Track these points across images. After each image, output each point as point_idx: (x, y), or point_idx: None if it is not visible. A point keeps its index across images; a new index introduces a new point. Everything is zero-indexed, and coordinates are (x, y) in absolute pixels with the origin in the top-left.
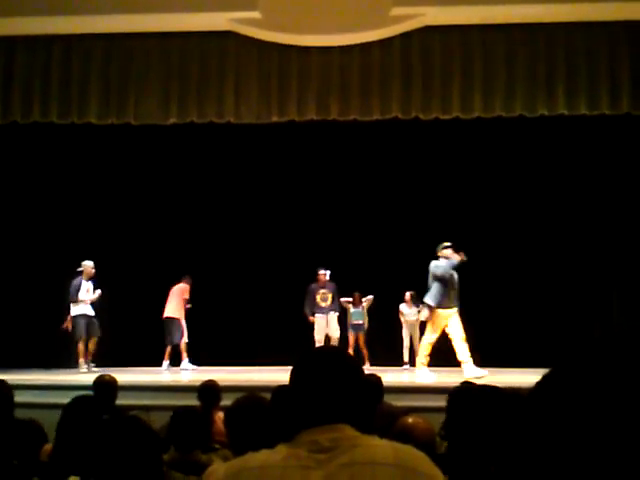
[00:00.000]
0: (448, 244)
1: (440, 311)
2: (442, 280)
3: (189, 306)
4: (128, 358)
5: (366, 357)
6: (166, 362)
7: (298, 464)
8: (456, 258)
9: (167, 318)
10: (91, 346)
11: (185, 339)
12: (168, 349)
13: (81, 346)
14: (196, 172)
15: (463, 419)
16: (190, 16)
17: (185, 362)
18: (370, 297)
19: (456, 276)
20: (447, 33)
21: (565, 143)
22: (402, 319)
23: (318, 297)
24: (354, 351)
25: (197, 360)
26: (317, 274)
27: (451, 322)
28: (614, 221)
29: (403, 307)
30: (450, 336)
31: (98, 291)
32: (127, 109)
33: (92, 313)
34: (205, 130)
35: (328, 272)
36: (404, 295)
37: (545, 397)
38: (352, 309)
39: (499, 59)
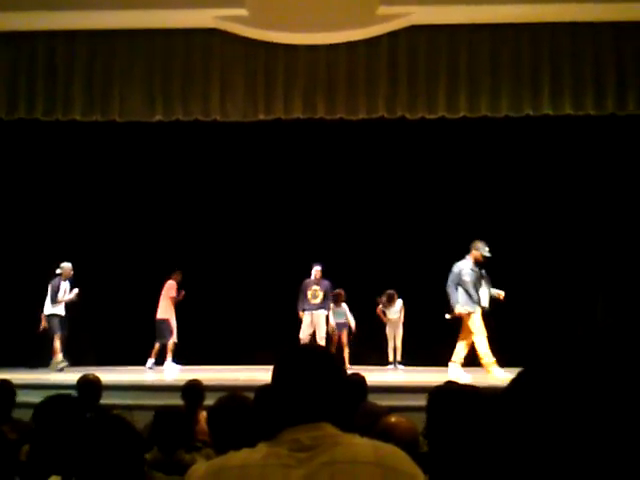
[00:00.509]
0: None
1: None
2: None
3: (183, 293)
4: (111, 357)
5: (346, 356)
6: (151, 360)
7: (278, 463)
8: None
9: (157, 320)
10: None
11: (174, 339)
12: (156, 347)
13: (58, 343)
14: (184, 169)
15: (442, 418)
16: (175, 13)
17: (168, 362)
18: (352, 324)
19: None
20: (433, 33)
21: (550, 145)
22: (384, 319)
23: (309, 293)
24: (336, 350)
25: (181, 359)
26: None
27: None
28: (601, 222)
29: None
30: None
31: (75, 290)
32: (112, 106)
33: (64, 313)
34: (192, 127)
35: (319, 268)
36: (385, 294)
37: (519, 394)
38: (334, 308)
39: (485, 59)
